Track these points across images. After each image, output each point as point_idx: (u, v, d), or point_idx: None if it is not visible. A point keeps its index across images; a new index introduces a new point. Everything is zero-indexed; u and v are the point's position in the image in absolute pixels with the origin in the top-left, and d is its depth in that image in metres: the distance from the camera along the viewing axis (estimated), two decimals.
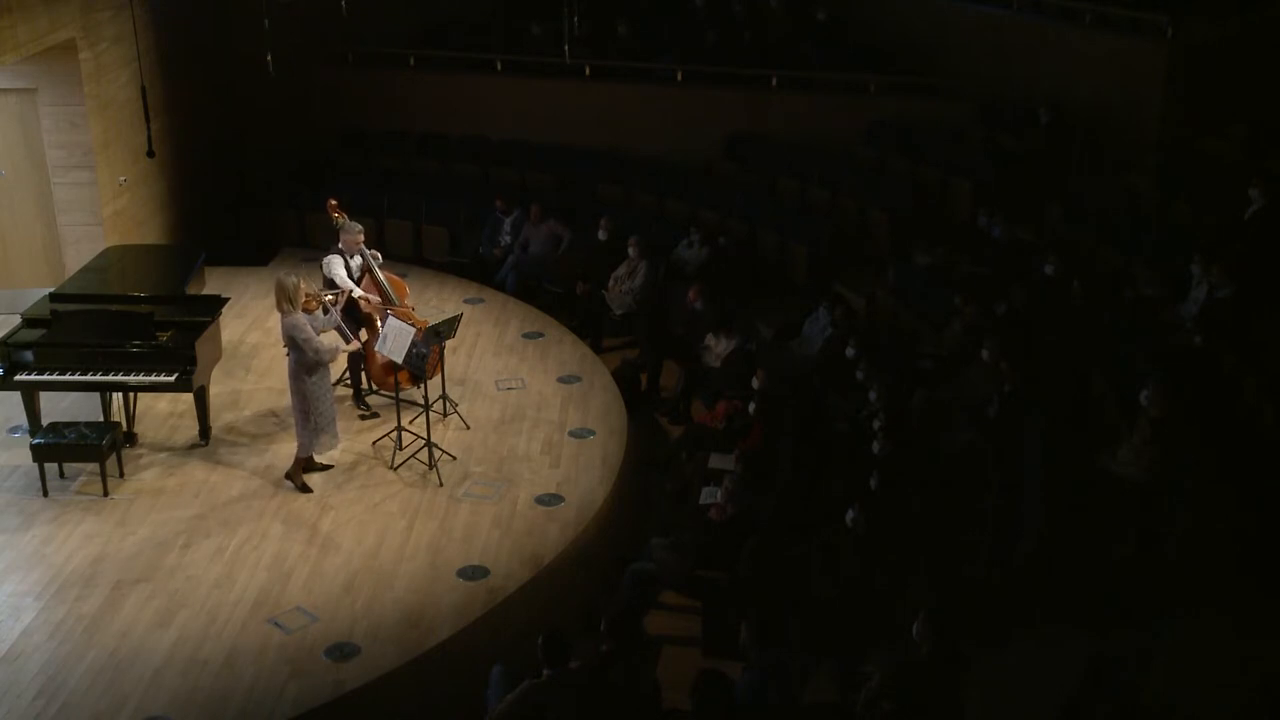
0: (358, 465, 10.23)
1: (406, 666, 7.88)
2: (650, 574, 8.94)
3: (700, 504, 9.49)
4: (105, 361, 10.04)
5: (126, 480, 9.95)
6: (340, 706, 7.57)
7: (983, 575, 8.39)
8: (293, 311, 9.40)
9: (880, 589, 8.21)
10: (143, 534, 9.25)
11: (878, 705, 6.71)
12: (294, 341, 9.43)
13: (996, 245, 12.67)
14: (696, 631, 8.52)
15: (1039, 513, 8.45)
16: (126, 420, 10.59)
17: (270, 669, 7.80)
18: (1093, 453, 8.96)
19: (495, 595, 8.55)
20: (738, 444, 10.19)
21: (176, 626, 8.20)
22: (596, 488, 9.93)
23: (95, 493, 9.74)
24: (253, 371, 11.90)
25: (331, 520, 9.45)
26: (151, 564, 8.88)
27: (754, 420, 10.41)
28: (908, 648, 7.16)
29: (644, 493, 10.49)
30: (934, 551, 8.49)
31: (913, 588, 8.20)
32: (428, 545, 9.12)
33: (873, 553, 8.34)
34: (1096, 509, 8.50)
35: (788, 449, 9.88)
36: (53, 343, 10.11)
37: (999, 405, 9.68)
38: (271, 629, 8.18)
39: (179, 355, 10.09)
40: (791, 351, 11.98)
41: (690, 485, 10.04)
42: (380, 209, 15.30)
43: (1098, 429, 9.33)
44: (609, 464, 10.30)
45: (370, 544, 9.14)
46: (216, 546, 9.10)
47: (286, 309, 9.40)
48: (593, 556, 9.37)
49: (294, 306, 9.41)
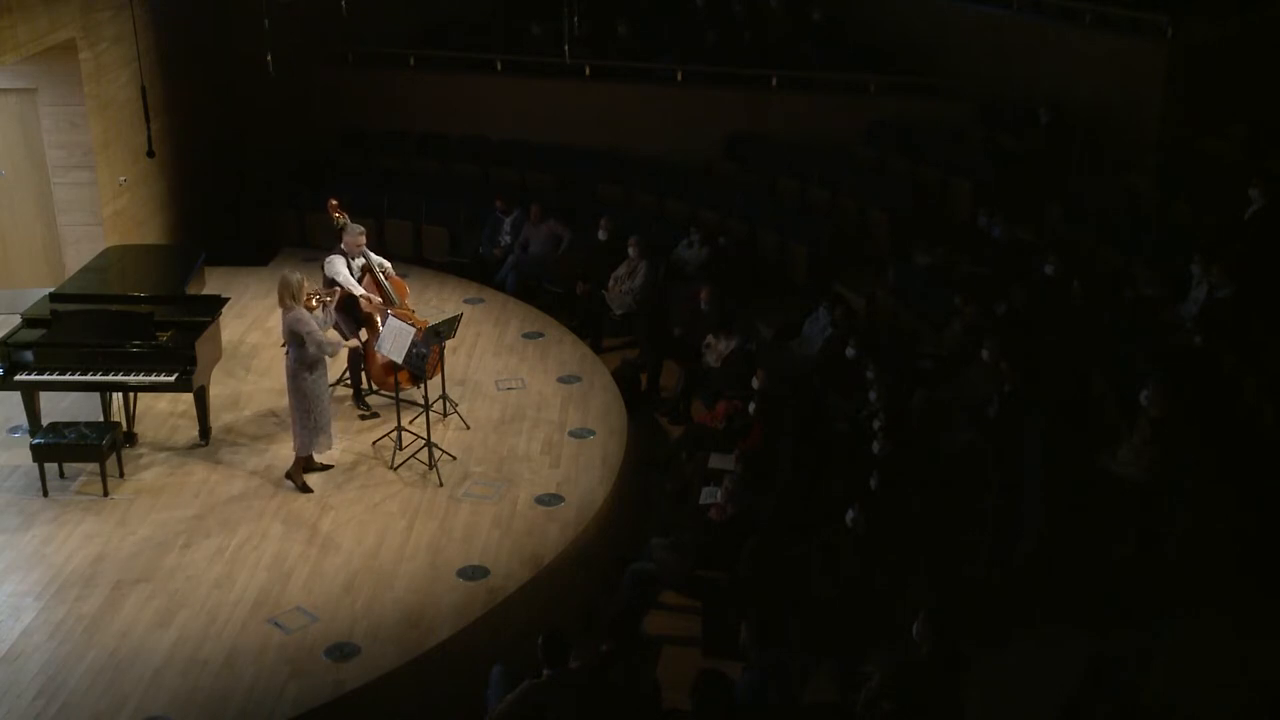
0: (358, 465, 10.23)
1: (406, 666, 7.88)
2: (650, 574, 8.94)
3: (700, 504, 9.49)
4: (105, 361, 10.04)
5: (126, 480, 9.95)
6: (340, 706, 7.57)
7: (983, 575, 8.39)
8: (295, 307, 9.43)
9: (880, 589, 8.21)
10: (143, 534, 9.25)
11: (878, 705, 6.71)
12: (296, 336, 9.45)
13: (996, 245, 12.67)
14: (696, 631, 8.52)
15: (1039, 513, 8.45)
16: (126, 420, 10.59)
17: (270, 669, 7.80)
18: (1093, 453, 8.96)
19: (495, 595, 8.55)
20: (738, 444, 10.19)
21: (176, 626, 8.20)
22: (596, 488, 9.93)
23: (95, 493, 9.74)
24: (253, 371, 11.90)
25: (331, 520, 9.45)
26: (151, 564, 8.88)
27: (754, 420, 10.41)
28: (908, 648, 7.16)
29: (644, 493, 10.49)
30: (934, 551, 8.49)
31: (913, 588, 8.20)
32: (428, 545, 9.12)
33: (873, 553, 8.34)
34: (1096, 509, 8.50)
35: (788, 449, 9.88)
36: (53, 343, 10.11)
37: (999, 405, 9.68)
38: (271, 629, 8.18)
39: (179, 355, 10.09)
40: (791, 351, 11.98)
41: (690, 485, 10.04)
42: (380, 209, 15.30)
43: (1098, 429, 9.33)
44: (609, 464, 10.30)
45: (370, 544, 9.14)
46: (216, 546, 9.10)
47: (289, 304, 9.43)
48: (593, 556, 9.37)
49: (297, 303, 9.44)
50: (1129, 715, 6.62)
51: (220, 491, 9.83)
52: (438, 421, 10.70)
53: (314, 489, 9.83)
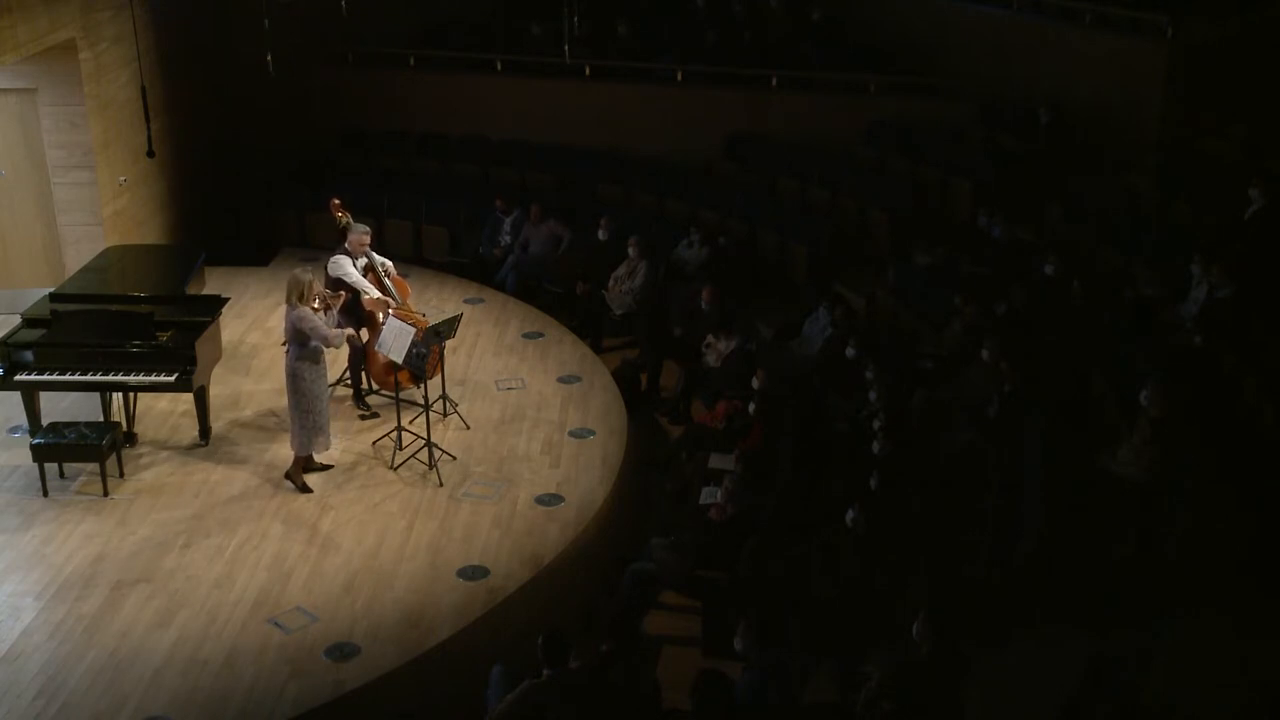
0: (358, 465, 10.23)
1: (406, 666, 7.88)
2: (650, 574, 8.94)
3: (700, 504, 9.49)
4: (105, 361, 10.04)
5: (126, 480, 9.95)
6: (340, 706, 7.57)
7: (983, 575, 8.39)
8: (300, 306, 9.45)
9: (880, 589, 8.20)
10: (143, 534, 9.25)
11: (878, 705, 6.71)
12: (299, 335, 9.46)
13: (996, 245, 12.67)
14: (696, 631, 8.52)
15: (1039, 513, 8.44)
16: (126, 420, 10.59)
17: (270, 669, 7.80)
18: (1093, 453, 8.96)
19: (495, 595, 8.55)
20: (738, 444, 10.18)
21: (176, 626, 8.20)
22: (596, 488, 9.93)
23: (95, 493, 9.74)
24: (253, 371, 11.90)
25: (331, 520, 9.45)
26: (151, 564, 8.88)
27: (754, 420, 10.41)
28: (908, 648, 7.16)
29: (644, 493, 10.49)
30: (934, 551, 8.49)
31: (913, 588, 8.19)
32: (428, 545, 9.12)
33: (873, 553, 8.34)
34: (1096, 509, 8.50)
35: (788, 449, 9.88)
36: (53, 343, 10.11)
37: (999, 405, 9.67)
38: (271, 629, 8.18)
39: (179, 355, 10.09)
40: (791, 351, 11.98)
41: (690, 485, 10.04)
42: (380, 209, 15.29)
43: (1098, 429, 9.33)
44: (609, 464, 10.30)
45: (370, 544, 9.14)
46: (216, 546, 9.09)
47: (295, 303, 9.44)
48: (593, 556, 9.37)
49: (303, 303, 9.46)
50: (1129, 715, 6.61)
51: (220, 491, 9.83)
52: (438, 421, 10.70)
53: (314, 489, 9.83)
